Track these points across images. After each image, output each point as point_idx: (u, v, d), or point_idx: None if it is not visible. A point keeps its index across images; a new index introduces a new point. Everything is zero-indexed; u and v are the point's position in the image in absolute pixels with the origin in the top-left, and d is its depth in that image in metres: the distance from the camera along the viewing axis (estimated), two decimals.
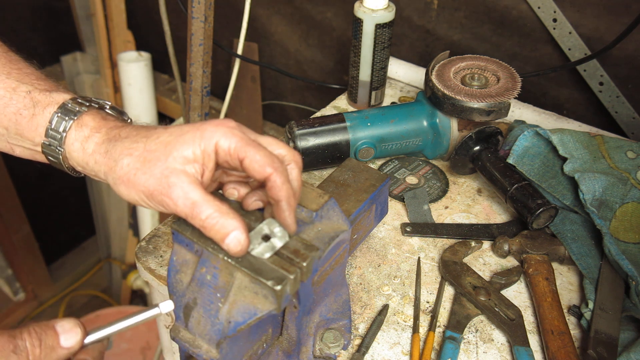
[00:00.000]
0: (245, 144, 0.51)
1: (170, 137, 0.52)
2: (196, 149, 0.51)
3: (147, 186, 0.51)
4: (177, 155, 0.51)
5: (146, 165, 0.51)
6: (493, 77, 0.90)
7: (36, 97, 0.57)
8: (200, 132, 0.52)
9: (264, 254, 0.50)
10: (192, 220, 0.50)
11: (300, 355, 0.63)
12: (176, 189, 0.50)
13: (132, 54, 1.81)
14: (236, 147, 0.51)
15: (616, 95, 1.05)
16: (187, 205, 0.50)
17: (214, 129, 0.52)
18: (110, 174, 0.54)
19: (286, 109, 1.67)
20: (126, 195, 0.53)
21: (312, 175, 0.93)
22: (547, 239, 0.78)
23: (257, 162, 0.51)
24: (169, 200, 0.50)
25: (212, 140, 0.51)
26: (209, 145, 0.51)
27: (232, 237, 0.49)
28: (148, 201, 0.52)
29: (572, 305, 0.73)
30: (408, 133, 0.91)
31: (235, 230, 0.49)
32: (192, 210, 0.49)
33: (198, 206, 0.49)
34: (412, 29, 1.27)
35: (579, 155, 0.80)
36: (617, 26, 1.00)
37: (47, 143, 0.57)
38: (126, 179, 0.52)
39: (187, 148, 0.51)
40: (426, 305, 0.73)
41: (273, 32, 1.54)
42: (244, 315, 0.49)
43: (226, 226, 0.49)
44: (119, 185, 0.53)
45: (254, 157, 0.51)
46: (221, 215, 0.49)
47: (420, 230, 0.82)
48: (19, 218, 2.04)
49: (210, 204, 0.50)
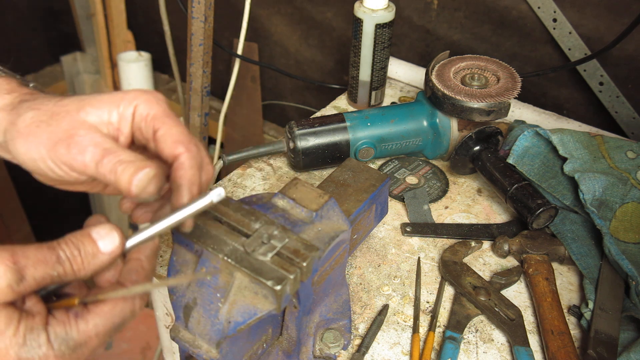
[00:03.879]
0: (165, 115, 0.47)
1: (87, 98, 0.47)
2: (113, 109, 0.46)
3: (51, 137, 0.44)
4: (91, 111, 0.46)
5: (53, 118, 0.45)
6: (493, 77, 0.90)
7: None
8: (122, 94, 0.47)
9: (265, 255, 0.50)
10: (102, 168, 0.44)
11: (300, 355, 0.63)
12: (84, 137, 0.44)
13: (132, 54, 1.81)
14: (155, 115, 0.47)
15: (616, 95, 1.05)
16: (96, 152, 0.44)
17: (138, 94, 0.47)
18: (9, 130, 0.47)
19: (286, 109, 1.67)
20: (23, 153, 0.46)
21: (312, 175, 0.93)
22: (547, 239, 0.78)
23: (172, 137, 0.46)
24: (76, 149, 0.44)
25: (132, 104, 0.47)
26: (128, 109, 0.47)
27: (141, 174, 0.43)
28: (49, 159, 0.45)
29: (572, 305, 0.73)
30: (408, 133, 0.91)
31: (145, 168, 0.43)
32: (103, 156, 0.43)
33: (110, 151, 0.44)
34: (412, 29, 1.27)
35: (579, 155, 0.80)
36: (617, 26, 1.00)
37: None
38: (26, 132, 0.45)
39: (103, 107, 0.46)
40: (426, 305, 0.73)
41: (273, 32, 1.54)
42: (244, 315, 0.49)
43: (135, 166, 0.43)
44: (16, 140, 0.46)
45: (170, 129, 0.46)
46: (135, 159, 0.44)
47: (420, 230, 0.82)
48: (19, 218, 2.04)
49: (125, 151, 0.44)
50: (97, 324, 0.40)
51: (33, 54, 1.94)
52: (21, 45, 1.88)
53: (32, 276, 0.38)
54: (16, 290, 0.37)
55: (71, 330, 0.39)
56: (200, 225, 0.52)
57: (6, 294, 0.36)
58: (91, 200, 2.30)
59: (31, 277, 0.38)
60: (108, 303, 0.41)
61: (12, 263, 0.37)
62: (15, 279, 0.37)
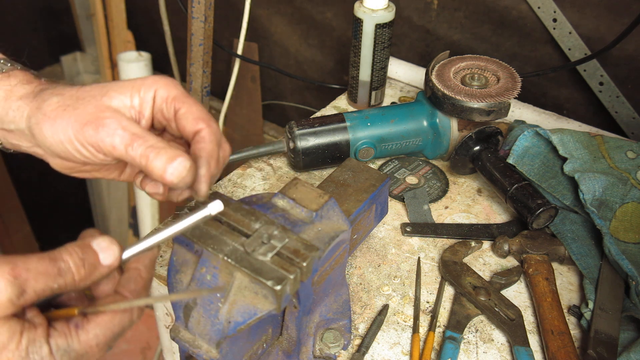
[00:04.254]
0: (185, 96, 0.50)
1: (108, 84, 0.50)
2: (135, 94, 0.49)
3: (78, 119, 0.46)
4: (115, 95, 0.48)
5: (79, 101, 0.47)
6: (493, 77, 0.90)
7: None
8: (141, 80, 0.50)
9: (265, 255, 0.50)
10: (132, 152, 0.45)
11: (300, 355, 0.63)
12: (112, 121, 0.46)
13: (132, 54, 1.81)
14: (175, 97, 0.50)
15: (616, 95, 1.05)
16: (125, 136, 0.45)
17: (156, 79, 0.51)
18: (34, 116, 0.48)
19: (286, 109, 1.67)
20: (50, 136, 0.47)
21: (312, 175, 0.93)
22: (547, 239, 0.78)
23: (193, 114, 0.49)
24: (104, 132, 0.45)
25: (152, 88, 0.50)
26: (148, 93, 0.50)
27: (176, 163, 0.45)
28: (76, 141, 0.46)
29: (572, 305, 0.73)
30: (408, 133, 0.91)
31: (179, 157, 0.45)
32: (132, 140, 0.45)
33: (139, 136, 0.45)
34: (412, 29, 1.27)
35: (579, 155, 0.80)
36: (617, 26, 1.00)
37: None
38: (53, 115, 0.46)
39: (125, 92, 0.49)
40: (426, 305, 0.73)
41: (273, 32, 1.54)
42: (244, 315, 0.49)
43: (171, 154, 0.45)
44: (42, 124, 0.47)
45: (191, 108, 0.50)
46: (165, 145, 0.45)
47: (420, 230, 0.82)
48: (19, 218, 2.04)
49: (153, 136, 0.46)
50: (98, 334, 0.40)
51: (33, 54, 1.94)
52: (21, 45, 1.89)
53: (33, 289, 0.38)
54: (16, 304, 0.37)
55: (72, 341, 0.39)
56: (200, 225, 0.52)
57: (7, 307, 0.36)
58: (91, 200, 2.30)
59: (32, 290, 0.38)
60: (108, 313, 0.41)
61: (13, 277, 0.37)
62: (16, 293, 0.37)
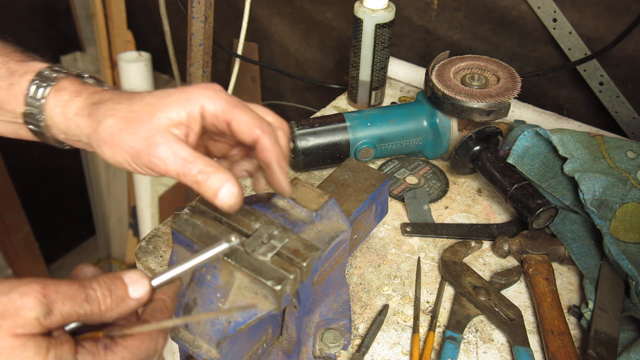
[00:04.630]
0: (232, 106, 0.51)
1: (154, 98, 0.51)
2: (181, 111, 0.50)
3: (133, 146, 0.49)
4: (162, 116, 0.50)
5: (130, 125, 0.50)
6: (493, 77, 0.90)
7: (12, 67, 0.56)
8: (185, 94, 0.51)
9: (265, 255, 0.50)
10: (184, 178, 0.49)
11: (300, 355, 0.63)
12: (163, 147, 0.49)
13: (132, 54, 1.81)
14: (223, 110, 0.50)
15: (616, 95, 1.05)
16: (177, 162, 0.48)
17: (200, 92, 0.51)
18: (93, 136, 0.51)
19: (286, 109, 1.67)
20: (110, 157, 0.51)
21: (312, 175, 0.93)
22: (547, 239, 0.78)
23: (245, 124, 0.50)
24: (157, 160, 0.49)
25: (198, 103, 0.50)
26: (195, 108, 0.50)
27: (225, 189, 0.48)
28: (134, 163, 0.51)
29: (572, 305, 0.73)
30: (408, 133, 0.91)
31: (227, 183, 0.48)
32: (184, 167, 0.48)
33: (189, 161, 0.48)
34: (412, 29, 1.27)
35: (579, 155, 0.80)
36: (617, 26, 1.00)
37: (27, 112, 0.55)
38: (110, 140, 0.50)
39: (172, 109, 0.50)
40: (426, 305, 0.73)
41: (273, 32, 1.54)
42: (244, 315, 0.49)
43: (219, 179, 0.48)
44: (102, 147, 0.51)
45: (241, 118, 0.50)
46: (214, 169, 0.48)
47: (420, 230, 0.82)
48: (19, 218, 2.04)
49: (201, 159, 0.49)
50: (125, 358, 0.40)
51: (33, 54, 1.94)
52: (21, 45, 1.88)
53: (60, 311, 0.38)
54: (43, 323, 0.37)
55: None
56: (200, 225, 0.52)
57: (33, 326, 0.37)
58: (91, 200, 2.30)
59: (59, 312, 0.38)
60: (135, 338, 0.42)
61: (42, 296, 0.37)
62: (43, 312, 0.37)
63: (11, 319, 0.36)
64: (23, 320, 0.36)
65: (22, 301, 0.37)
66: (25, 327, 0.36)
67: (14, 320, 0.36)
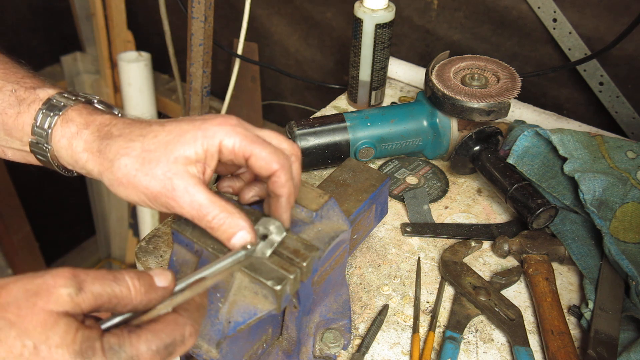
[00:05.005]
0: (250, 142, 0.51)
1: (170, 136, 0.51)
2: (198, 148, 0.50)
3: (150, 188, 0.50)
4: (179, 156, 0.50)
5: (146, 166, 0.50)
6: (493, 77, 0.90)
7: (21, 95, 0.56)
8: (202, 131, 0.51)
9: (264, 252, 0.50)
10: (199, 222, 0.50)
11: (300, 355, 0.63)
12: (181, 191, 0.49)
13: (132, 54, 1.81)
14: (241, 146, 0.51)
15: (616, 95, 1.05)
16: (194, 207, 0.49)
17: (217, 128, 0.51)
18: (106, 175, 0.52)
19: (286, 109, 1.67)
20: (125, 196, 0.52)
21: (312, 175, 0.93)
22: (547, 239, 0.78)
23: (264, 160, 0.51)
24: (175, 203, 0.50)
25: (215, 140, 0.50)
26: (212, 145, 0.51)
27: (238, 237, 0.49)
28: (150, 203, 0.52)
29: (572, 305, 0.73)
30: (408, 133, 0.91)
31: (241, 230, 0.49)
32: (199, 212, 0.49)
33: (205, 208, 0.49)
34: (412, 29, 1.27)
35: (579, 155, 0.80)
36: (617, 26, 1.00)
37: (34, 141, 0.56)
38: (125, 181, 0.51)
39: (188, 148, 0.50)
40: (426, 305, 0.73)
41: (273, 32, 1.54)
42: (243, 315, 0.49)
43: (233, 226, 0.49)
44: (117, 186, 0.52)
45: (260, 154, 0.51)
46: (228, 215, 0.49)
47: (420, 230, 0.82)
48: (19, 218, 2.04)
49: (217, 205, 0.50)
50: (149, 340, 0.41)
51: (33, 54, 1.94)
52: (21, 45, 1.88)
53: (90, 290, 0.39)
54: (75, 300, 0.38)
55: (124, 343, 0.39)
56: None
57: (66, 302, 0.38)
58: (91, 200, 2.30)
59: (89, 290, 0.39)
60: (160, 322, 0.42)
61: (73, 276, 0.39)
62: (75, 290, 0.38)
63: (45, 296, 0.37)
64: (56, 297, 0.37)
65: (55, 280, 0.38)
66: (58, 303, 0.37)
67: (48, 297, 0.37)
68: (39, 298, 0.37)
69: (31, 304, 0.37)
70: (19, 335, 0.35)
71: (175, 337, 0.42)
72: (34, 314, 0.36)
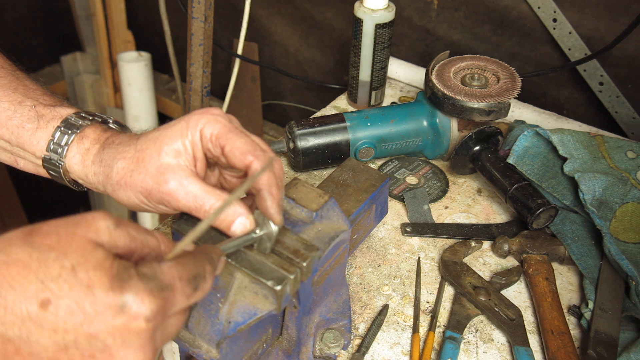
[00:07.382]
0: (227, 131, 0.51)
1: (158, 132, 0.52)
2: (185, 140, 0.51)
3: (144, 185, 0.51)
4: (168, 150, 0.51)
5: (140, 165, 0.51)
6: (493, 77, 0.90)
7: (41, 111, 0.58)
8: (185, 122, 0.52)
9: (265, 255, 0.50)
10: (197, 213, 0.50)
11: (300, 355, 0.63)
12: (173, 184, 0.50)
13: (132, 54, 1.81)
14: (218, 134, 0.51)
15: (616, 95, 1.05)
16: (188, 199, 0.50)
17: (198, 117, 0.52)
18: (107, 182, 0.54)
19: (286, 109, 1.67)
20: (126, 200, 0.53)
21: (312, 175, 0.93)
22: (547, 239, 0.78)
23: (239, 149, 0.50)
24: (169, 197, 0.50)
25: (197, 129, 0.51)
26: (195, 134, 0.51)
27: (237, 223, 0.49)
28: (148, 202, 0.52)
29: (572, 305, 0.73)
30: (408, 133, 0.91)
31: (240, 217, 0.49)
32: (195, 203, 0.50)
33: (200, 198, 0.50)
34: (412, 29, 1.27)
35: (579, 155, 0.80)
36: (617, 26, 1.00)
37: (47, 157, 0.58)
38: (123, 183, 0.52)
39: (176, 140, 0.51)
40: (426, 305, 0.73)
41: (273, 32, 1.54)
42: (244, 315, 0.49)
43: (231, 213, 0.49)
44: (117, 190, 0.53)
45: (235, 143, 0.50)
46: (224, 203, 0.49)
47: (420, 230, 0.82)
48: (19, 218, 2.04)
49: (212, 194, 0.50)
50: (179, 268, 0.41)
51: (33, 54, 1.94)
52: (21, 45, 1.88)
53: (127, 229, 0.40)
54: (112, 234, 0.39)
55: (156, 270, 0.40)
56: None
57: (104, 233, 0.38)
58: (91, 200, 2.30)
59: (126, 229, 0.40)
60: (185, 254, 0.43)
61: (111, 216, 0.40)
62: (113, 224, 0.39)
63: (84, 227, 0.38)
64: (95, 228, 0.38)
65: (94, 215, 0.39)
66: (97, 233, 0.38)
67: (87, 227, 0.38)
68: (78, 228, 0.38)
69: (71, 233, 0.37)
70: (58, 257, 0.36)
71: (199, 271, 0.43)
72: (73, 240, 0.37)
